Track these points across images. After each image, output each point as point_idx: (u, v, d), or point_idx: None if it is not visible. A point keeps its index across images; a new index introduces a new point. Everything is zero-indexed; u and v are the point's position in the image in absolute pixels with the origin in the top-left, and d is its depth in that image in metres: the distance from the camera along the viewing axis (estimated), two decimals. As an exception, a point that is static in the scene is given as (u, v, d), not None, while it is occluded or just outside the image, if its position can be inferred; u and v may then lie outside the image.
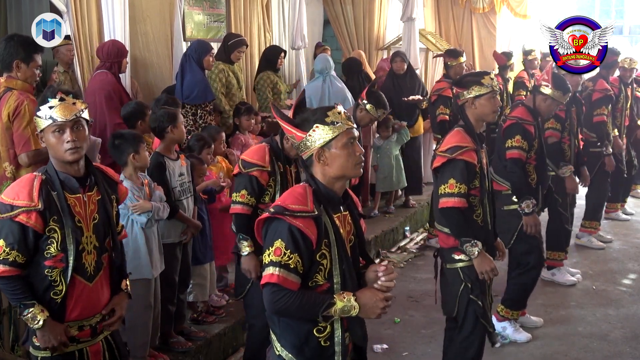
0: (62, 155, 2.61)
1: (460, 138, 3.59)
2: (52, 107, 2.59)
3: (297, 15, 8.39)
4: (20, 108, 3.75)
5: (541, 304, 5.41)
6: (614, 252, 6.79)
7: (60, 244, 2.60)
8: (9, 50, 3.83)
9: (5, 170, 3.85)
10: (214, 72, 6.24)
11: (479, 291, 3.59)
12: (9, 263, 2.55)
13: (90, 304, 2.70)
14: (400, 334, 4.86)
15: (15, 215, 2.54)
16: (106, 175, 2.85)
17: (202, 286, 4.50)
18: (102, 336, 2.78)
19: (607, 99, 6.60)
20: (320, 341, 2.38)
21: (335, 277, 2.38)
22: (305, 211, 2.34)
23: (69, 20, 5.87)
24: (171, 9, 6.93)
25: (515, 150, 4.49)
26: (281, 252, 2.29)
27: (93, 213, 2.70)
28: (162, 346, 4.10)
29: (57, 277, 2.61)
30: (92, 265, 2.69)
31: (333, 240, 2.38)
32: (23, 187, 2.59)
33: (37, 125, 2.66)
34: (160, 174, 4.01)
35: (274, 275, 2.29)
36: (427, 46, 9.66)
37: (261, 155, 3.60)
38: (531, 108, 4.64)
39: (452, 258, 3.65)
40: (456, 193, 3.50)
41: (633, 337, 4.85)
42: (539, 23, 4.90)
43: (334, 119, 2.39)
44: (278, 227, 2.33)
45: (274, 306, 2.31)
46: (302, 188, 2.41)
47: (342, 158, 2.38)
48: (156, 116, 4.17)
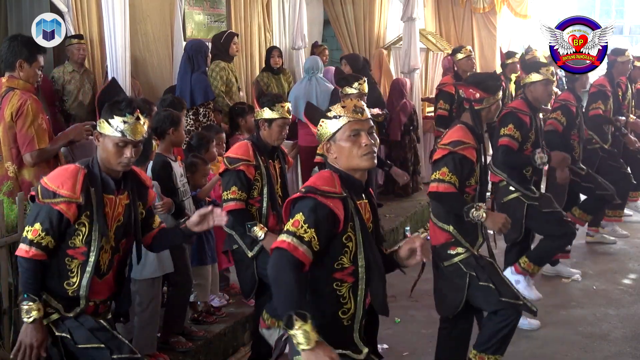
0: (115, 164, 2.74)
1: (462, 134, 3.61)
2: (126, 122, 2.69)
3: (297, 15, 8.40)
4: (24, 108, 3.76)
5: (541, 304, 5.37)
6: (614, 252, 6.78)
7: (85, 238, 2.71)
8: (13, 50, 3.84)
9: (7, 170, 3.86)
10: (214, 71, 6.25)
11: (487, 275, 3.56)
12: (42, 247, 2.66)
13: (94, 294, 2.79)
14: (401, 334, 4.86)
15: (57, 203, 2.64)
16: (139, 179, 2.95)
17: (203, 286, 4.50)
18: (101, 317, 2.85)
19: (600, 94, 6.57)
20: (343, 321, 2.46)
21: (360, 260, 2.45)
22: (335, 192, 2.41)
23: (70, 21, 5.88)
24: (171, 9, 6.94)
25: (505, 138, 4.54)
26: (299, 223, 2.34)
27: (119, 215, 2.81)
28: (162, 346, 4.10)
29: (74, 269, 2.73)
30: (106, 263, 2.80)
31: (358, 224, 2.45)
32: (68, 177, 2.68)
33: (99, 127, 2.74)
34: (167, 173, 4.03)
35: (285, 242, 2.33)
36: (428, 46, 9.67)
37: (245, 150, 3.72)
38: (528, 101, 4.71)
39: (448, 254, 3.62)
40: (446, 180, 3.51)
41: (633, 337, 4.85)
42: (539, 23, 4.92)
43: (337, 113, 2.48)
44: (304, 203, 2.40)
45: (275, 266, 2.31)
46: (329, 173, 2.50)
47: (346, 150, 2.45)
48: (159, 117, 4.18)
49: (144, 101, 4.71)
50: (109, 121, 2.70)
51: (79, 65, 6.26)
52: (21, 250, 2.68)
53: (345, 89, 4.84)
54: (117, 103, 2.73)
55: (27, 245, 2.66)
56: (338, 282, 2.45)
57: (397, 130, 7.84)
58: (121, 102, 2.74)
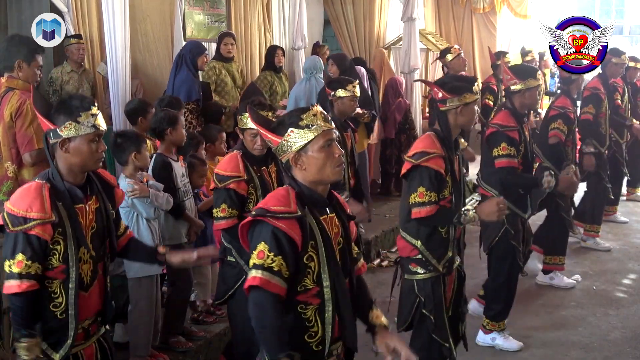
0: (92, 164, 2.58)
1: (428, 143, 3.41)
2: (94, 114, 2.55)
3: (297, 15, 8.40)
4: (23, 107, 3.76)
5: (541, 305, 5.41)
6: (614, 252, 6.77)
7: (62, 256, 2.52)
8: (11, 50, 3.84)
9: (7, 170, 3.86)
10: (204, 70, 6.27)
11: (432, 306, 3.44)
12: (33, 276, 2.46)
13: (83, 309, 2.62)
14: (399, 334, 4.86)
15: (30, 228, 2.44)
16: (103, 179, 2.77)
17: (204, 286, 4.51)
18: (94, 338, 2.72)
19: (593, 97, 6.51)
20: (312, 346, 2.32)
21: (324, 281, 2.32)
22: (287, 212, 2.26)
23: (69, 21, 5.88)
24: (171, 9, 6.95)
25: (503, 159, 4.32)
26: (264, 254, 2.22)
27: (92, 222, 2.64)
28: (162, 346, 4.10)
29: (56, 289, 2.54)
30: (89, 274, 2.62)
31: (320, 241, 2.31)
32: (35, 197, 2.47)
33: (64, 134, 2.52)
34: (167, 174, 4.02)
35: (257, 277, 2.21)
36: (428, 46, 9.67)
37: (234, 165, 3.49)
38: (513, 110, 4.44)
39: (409, 269, 3.50)
40: (427, 202, 3.33)
41: (633, 337, 4.85)
42: (539, 23, 4.90)
43: (309, 122, 2.31)
44: (262, 230, 2.26)
45: (254, 310, 2.21)
46: (285, 190, 2.35)
47: (319, 161, 2.31)
48: (157, 117, 4.18)
49: (141, 101, 4.71)
50: (77, 121, 2.51)
51: (77, 65, 6.26)
52: (12, 287, 2.44)
53: (337, 92, 4.70)
54: (70, 103, 2.54)
55: (17, 280, 2.44)
56: (302, 304, 2.30)
57: (391, 129, 7.83)
58: (73, 99, 2.57)
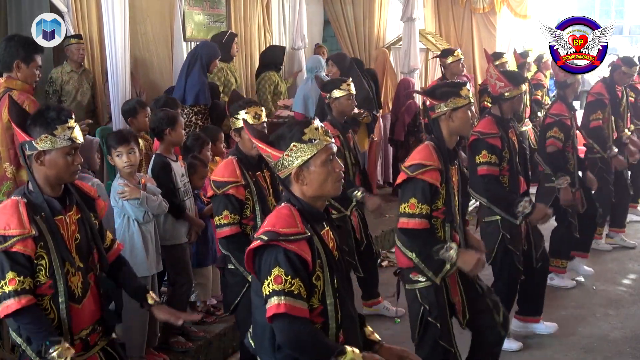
0: (67, 177, 2.57)
1: (425, 155, 3.37)
2: (71, 127, 2.53)
3: (297, 15, 8.41)
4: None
5: (541, 304, 5.41)
6: (614, 252, 6.78)
7: (48, 270, 2.48)
8: (10, 51, 3.84)
9: (5, 171, 3.86)
10: (212, 72, 6.25)
11: (437, 313, 3.41)
12: (28, 291, 2.43)
13: (77, 321, 2.58)
14: (400, 334, 4.85)
15: (11, 245, 2.41)
16: (82, 192, 2.74)
17: (204, 286, 4.51)
18: (97, 348, 2.68)
19: (598, 103, 6.46)
20: None
21: (328, 298, 2.30)
22: (298, 233, 2.25)
23: (69, 21, 5.88)
24: (171, 9, 6.95)
25: (483, 167, 4.26)
26: (282, 279, 2.19)
27: (74, 233, 2.60)
28: (162, 346, 4.10)
29: (47, 305, 2.50)
30: (79, 287, 2.58)
31: (324, 259, 2.30)
32: (11, 214, 2.45)
33: (39, 146, 2.49)
34: (166, 174, 4.02)
35: (280, 305, 2.17)
36: (427, 46, 9.66)
37: (231, 171, 3.47)
38: (498, 117, 4.37)
39: (409, 278, 3.47)
40: (417, 214, 3.28)
41: (633, 337, 4.85)
42: (539, 23, 4.89)
43: (312, 136, 2.29)
44: (273, 254, 2.23)
45: (289, 337, 2.19)
46: (287, 209, 2.32)
47: (321, 176, 2.30)
48: (156, 117, 4.18)
49: (138, 102, 4.71)
50: (53, 134, 2.48)
51: (77, 66, 6.26)
52: (10, 306, 2.40)
53: (333, 93, 4.68)
54: (47, 115, 2.51)
55: (14, 298, 2.40)
56: None
57: (401, 131, 7.84)
58: (50, 111, 2.53)
